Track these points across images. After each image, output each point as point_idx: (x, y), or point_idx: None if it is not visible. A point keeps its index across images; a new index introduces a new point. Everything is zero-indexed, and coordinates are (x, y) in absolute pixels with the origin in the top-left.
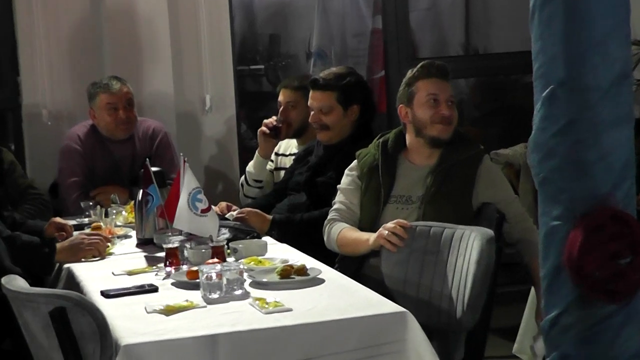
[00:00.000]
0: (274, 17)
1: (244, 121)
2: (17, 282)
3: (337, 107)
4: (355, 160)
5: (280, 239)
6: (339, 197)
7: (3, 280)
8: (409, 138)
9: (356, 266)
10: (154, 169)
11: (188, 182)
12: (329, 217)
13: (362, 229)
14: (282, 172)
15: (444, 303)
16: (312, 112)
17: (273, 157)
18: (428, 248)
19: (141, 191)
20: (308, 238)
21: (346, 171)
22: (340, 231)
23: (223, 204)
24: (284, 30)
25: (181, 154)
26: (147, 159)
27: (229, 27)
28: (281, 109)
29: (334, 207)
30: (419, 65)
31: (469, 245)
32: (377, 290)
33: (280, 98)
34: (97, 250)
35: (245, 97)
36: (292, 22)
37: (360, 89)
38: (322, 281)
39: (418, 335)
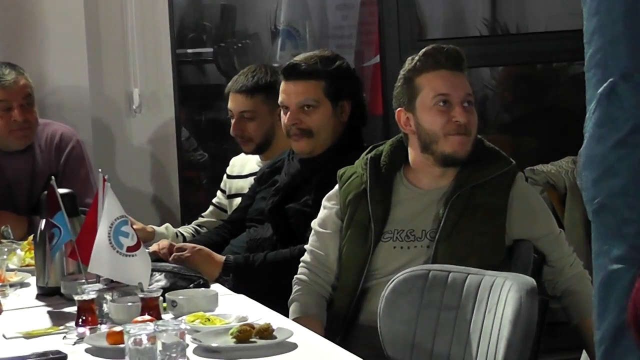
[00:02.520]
0: None
1: (186, 125)
2: None
3: (324, 102)
4: (337, 185)
5: (236, 288)
6: (312, 240)
7: None
8: (412, 153)
9: (342, 325)
10: (61, 190)
11: (109, 210)
12: (297, 274)
13: (344, 281)
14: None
15: None
16: (288, 112)
17: (223, 182)
18: (445, 301)
19: (44, 221)
20: (274, 287)
21: (324, 201)
22: (294, 318)
23: (165, 242)
24: (239, 0)
25: (100, 170)
26: (53, 177)
27: None
28: (233, 121)
29: (305, 254)
30: (421, 52)
31: (501, 298)
32: (371, 357)
33: (231, 105)
34: None
35: (188, 91)
36: None
37: (351, 79)
38: (294, 346)
39: None
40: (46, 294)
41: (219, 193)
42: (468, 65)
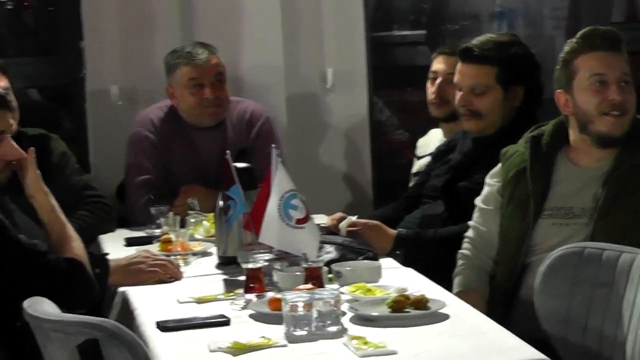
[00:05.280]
0: None
1: (391, 105)
2: (42, 307)
3: (495, 87)
4: (500, 163)
5: (406, 262)
6: (475, 216)
7: (25, 303)
8: (572, 134)
9: (503, 299)
10: (239, 164)
11: (280, 183)
12: (461, 249)
13: (503, 256)
14: None
15: (618, 353)
16: (460, 93)
17: (414, 166)
18: (599, 278)
19: (221, 195)
20: (443, 261)
21: (487, 178)
22: (457, 291)
23: (337, 215)
24: None
25: (273, 145)
26: (228, 152)
27: None
28: (438, 81)
29: (469, 230)
30: (577, 35)
31: None
32: (531, 332)
33: (437, 66)
34: (164, 274)
35: (396, 72)
36: None
37: (527, 65)
38: (445, 317)
39: None
40: (225, 263)
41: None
42: None
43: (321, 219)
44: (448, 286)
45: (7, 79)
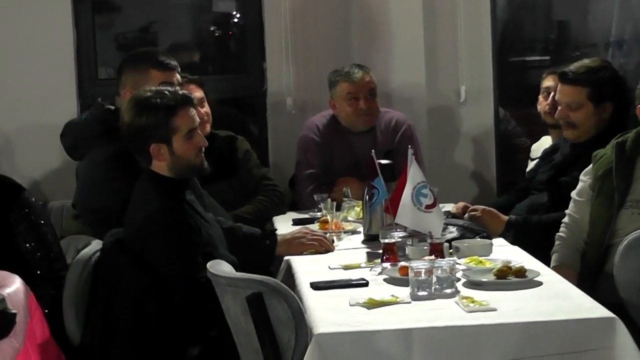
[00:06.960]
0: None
1: (520, 117)
2: (220, 267)
3: (587, 104)
4: (592, 163)
5: (515, 242)
6: (571, 205)
7: (208, 264)
8: None
9: (592, 273)
10: (383, 161)
11: (413, 176)
12: (559, 231)
13: (592, 238)
14: None
15: None
16: (559, 107)
17: (529, 165)
18: None
19: (367, 185)
20: (545, 242)
21: (581, 176)
22: (553, 266)
23: (461, 204)
24: (581, 15)
25: (409, 146)
26: (373, 151)
27: (488, 13)
28: (551, 96)
29: (566, 217)
30: None
31: None
32: (612, 299)
33: (549, 83)
34: (320, 247)
35: (528, 90)
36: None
37: (614, 85)
38: (539, 284)
39: (627, 344)
40: (369, 239)
41: None
42: None
43: (450, 207)
44: (547, 262)
45: (202, 90)
